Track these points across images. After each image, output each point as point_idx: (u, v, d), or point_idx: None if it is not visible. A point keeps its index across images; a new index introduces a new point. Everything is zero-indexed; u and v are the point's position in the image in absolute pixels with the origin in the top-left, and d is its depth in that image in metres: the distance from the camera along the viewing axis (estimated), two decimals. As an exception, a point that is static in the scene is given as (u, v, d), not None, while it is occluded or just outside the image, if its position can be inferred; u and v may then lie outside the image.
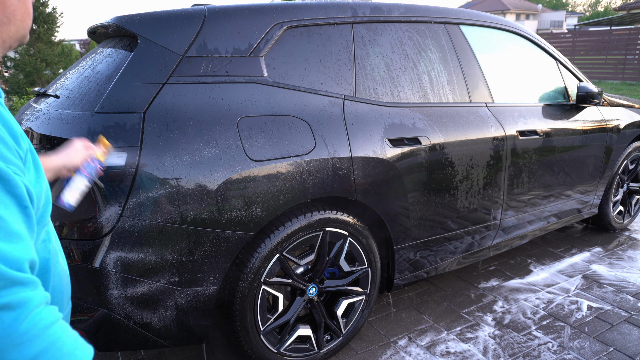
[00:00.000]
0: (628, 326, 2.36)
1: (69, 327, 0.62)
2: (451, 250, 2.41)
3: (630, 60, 16.15)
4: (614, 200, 3.53)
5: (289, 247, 1.83)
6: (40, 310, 0.57)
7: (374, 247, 2.09)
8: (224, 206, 1.62)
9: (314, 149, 1.79)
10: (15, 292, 0.54)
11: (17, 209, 0.59)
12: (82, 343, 0.62)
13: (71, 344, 0.59)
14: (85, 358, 0.61)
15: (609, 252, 3.29)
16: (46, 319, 0.57)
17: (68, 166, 1.17)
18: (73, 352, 0.59)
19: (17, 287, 0.55)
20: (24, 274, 0.56)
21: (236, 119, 1.66)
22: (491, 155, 2.37)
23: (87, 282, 1.53)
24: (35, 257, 0.61)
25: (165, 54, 1.63)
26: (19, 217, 0.59)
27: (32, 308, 0.56)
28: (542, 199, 2.80)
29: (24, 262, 0.57)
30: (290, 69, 1.84)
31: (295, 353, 1.98)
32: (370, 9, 2.12)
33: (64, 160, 1.16)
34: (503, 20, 2.73)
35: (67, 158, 1.17)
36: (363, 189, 1.93)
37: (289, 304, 1.96)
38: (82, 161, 1.20)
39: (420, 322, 2.41)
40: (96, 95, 1.58)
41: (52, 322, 0.58)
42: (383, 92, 2.07)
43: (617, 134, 3.21)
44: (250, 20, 1.80)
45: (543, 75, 2.92)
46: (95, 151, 1.23)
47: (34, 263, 0.61)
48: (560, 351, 2.16)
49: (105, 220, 1.50)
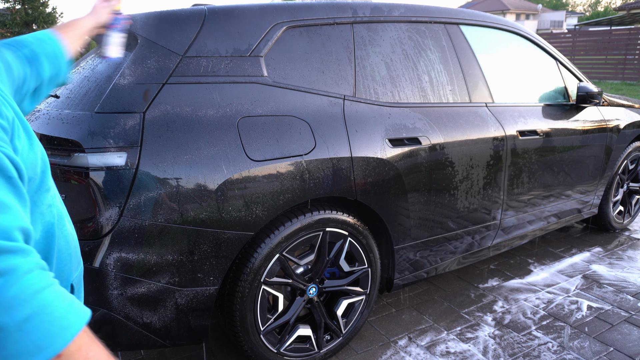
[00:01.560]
0: (628, 326, 2.36)
1: (64, 292, 0.62)
2: (451, 250, 2.41)
3: (630, 60, 16.16)
4: (614, 200, 3.53)
5: (289, 247, 1.83)
6: (30, 277, 0.58)
7: (374, 247, 2.09)
8: (224, 206, 1.62)
9: (314, 149, 1.79)
10: (3, 259, 0.56)
11: (2, 180, 0.60)
12: (77, 308, 0.62)
13: (63, 309, 0.60)
14: (78, 322, 0.61)
15: (609, 252, 3.29)
16: (36, 284, 0.58)
17: (99, 25, 1.24)
18: (65, 317, 0.59)
19: (5, 255, 0.56)
20: (12, 243, 0.58)
21: (236, 119, 1.66)
22: (491, 155, 2.37)
23: (87, 282, 1.53)
24: (28, 226, 0.62)
25: (166, 54, 1.63)
26: (4, 187, 0.60)
27: (22, 274, 0.57)
28: (542, 199, 2.80)
29: (11, 230, 0.58)
30: (290, 69, 1.84)
31: (295, 353, 1.98)
32: (370, 9, 2.12)
33: (93, 22, 1.22)
34: (503, 20, 2.73)
35: (95, 19, 1.23)
36: (363, 189, 1.93)
37: (289, 304, 1.96)
38: (109, 17, 1.27)
39: (420, 322, 2.41)
40: (96, 95, 1.58)
41: (43, 288, 0.59)
42: (383, 92, 2.07)
43: (617, 134, 3.21)
44: (250, 20, 1.80)
45: (543, 76, 2.92)
46: (115, 5, 1.29)
47: (27, 231, 0.62)
48: (560, 351, 2.16)
49: (105, 220, 1.50)
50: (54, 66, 1.01)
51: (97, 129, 1.50)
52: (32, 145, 0.72)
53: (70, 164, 1.50)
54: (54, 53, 1.02)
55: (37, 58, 0.96)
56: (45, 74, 0.98)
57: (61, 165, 1.51)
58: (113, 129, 1.50)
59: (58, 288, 0.62)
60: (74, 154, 1.49)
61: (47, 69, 0.98)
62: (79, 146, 1.48)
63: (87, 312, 0.64)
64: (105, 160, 1.48)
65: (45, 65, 0.98)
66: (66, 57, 1.06)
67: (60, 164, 1.51)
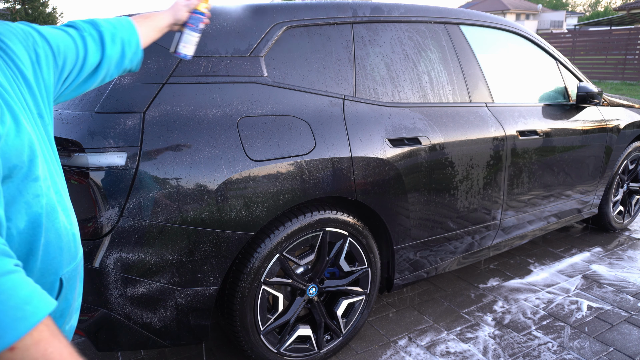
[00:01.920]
0: (628, 326, 2.36)
1: (26, 281, 0.60)
2: (451, 250, 2.41)
3: (630, 60, 16.16)
4: (614, 200, 3.53)
5: (289, 247, 1.83)
6: None
7: (374, 247, 2.09)
8: (224, 206, 1.62)
9: (314, 149, 1.79)
10: None
11: None
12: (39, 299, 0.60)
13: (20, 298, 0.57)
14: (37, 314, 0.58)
15: (609, 252, 3.29)
16: None
17: (177, 22, 1.27)
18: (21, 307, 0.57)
19: None
20: None
21: (236, 119, 1.66)
22: (491, 155, 2.37)
23: (87, 282, 1.53)
24: (0, 215, 0.61)
25: (166, 54, 1.63)
26: None
27: None
28: (542, 199, 2.80)
29: None
30: (290, 69, 1.84)
31: (295, 353, 1.98)
32: (370, 9, 2.12)
33: (171, 18, 1.25)
34: (503, 20, 2.73)
35: (174, 15, 1.25)
36: (363, 189, 1.93)
37: (289, 304, 1.96)
38: (187, 16, 1.28)
39: (420, 322, 2.41)
40: (96, 95, 1.58)
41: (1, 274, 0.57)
42: (383, 92, 2.07)
43: (617, 134, 3.21)
44: (250, 20, 1.80)
45: (543, 75, 2.92)
46: (196, 4, 1.31)
47: None
48: (560, 351, 2.16)
49: (105, 220, 1.50)
50: (122, 51, 1.04)
51: (97, 128, 1.50)
52: (19, 132, 0.69)
53: (70, 164, 1.50)
54: (127, 39, 1.05)
55: (106, 39, 0.99)
56: (112, 55, 1.01)
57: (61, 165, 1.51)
58: (113, 128, 1.50)
59: (18, 276, 0.59)
60: (74, 154, 1.49)
61: (115, 52, 1.01)
62: (78, 146, 1.48)
63: (50, 303, 0.60)
64: (105, 160, 1.48)
65: (114, 47, 1.01)
66: (139, 46, 1.09)
67: (60, 164, 1.51)
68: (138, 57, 1.11)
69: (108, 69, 1.02)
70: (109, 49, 1.00)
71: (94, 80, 1.00)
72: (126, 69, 1.10)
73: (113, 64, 1.03)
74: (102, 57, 0.99)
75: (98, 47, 0.98)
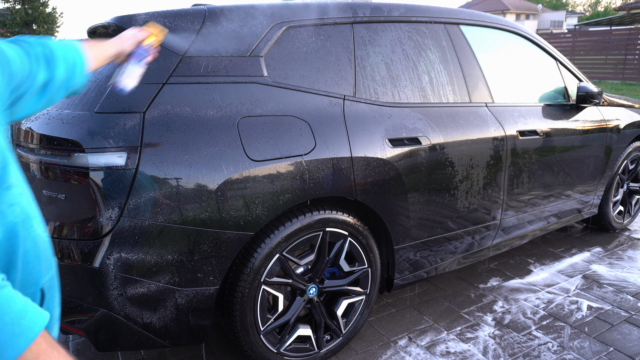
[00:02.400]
0: (628, 326, 2.36)
1: (16, 295, 0.59)
2: (451, 250, 2.41)
3: (630, 60, 16.16)
4: (614, 200, 3.53)
5: (289, 247, 1.83)
6: None
7: (374, 247, 2.09)
8: (224, 206, 1.62)
9: (314, 149, 1.79)
10: None
11: None
12: (33, 312, 0.58)
13: (15, 313, 0.56)
14: (34, 328, 0.57)
15: (609, 252, 3.29)
16: None
17: (121, 54, 1.25)
18: (17, 322, 0.56)
19: None
20: None
21: (236, 119, 1.66)
22: (491, 155, 2.37)
23: (87, 282, 1.53)
24: None
25: (165, 54, 1.63)
26: None
27: None
28: (542, 199, 2.80)
29: None
30: (290, 69, 1.84)
31: (295, 353, 1.98)
32: (370, 9, 2.12)
33: (115, 48, 1.22)
34: (503, 20, 2.73)
35: (119, 46, 1.23)
36: (363, 189, 1.93)
37: (289, 304, 1.96)
38: (131, 49, 1.27)
39: (420, 322, 2.41)
40: (96, 95, 1.58)
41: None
42: (383, 92, 2.07)
43: (617, 134, 3.21)
44: (250, 20, 1.80)
45: (543, 76, 2.92)
46: (145, 37, 1.29)
47: None
48: (560, 351, 2.16)
49: (105, 220, 1.50)
50: (69, 72, 1.01)
51: (97, 129, 1.50)
52: None
53: (70, 164, 1.50)
54: (74, 61, 1.02)
55: (54, 59, 0.96)
56: (59, 75, 0.98)
57: (61, 165, 1.51)
58: (113, 129, 1.50)
59: (9, 290, 0.57)
60: (74, 154, 1.49)
61: (62, 72, 0.98)
62: (78, 146, 1.48)
63: (44, 315, 0.59)
64: (105, 160, 1.48)
65: (61, 68, 0.98)
66: (84, 69, 1.06)
67: (60, 164, 1.51)
68: (83, 81, 1.08)
69: (57, 89, 0.99)
70: (58, 69, 0.97)
71: (41, 99, 0.96)
72: (70, 92, 1.06)
73: (61, 84, 1.00)
74: (52, 76, 0.96)
75: (49, 65, 0.95)
